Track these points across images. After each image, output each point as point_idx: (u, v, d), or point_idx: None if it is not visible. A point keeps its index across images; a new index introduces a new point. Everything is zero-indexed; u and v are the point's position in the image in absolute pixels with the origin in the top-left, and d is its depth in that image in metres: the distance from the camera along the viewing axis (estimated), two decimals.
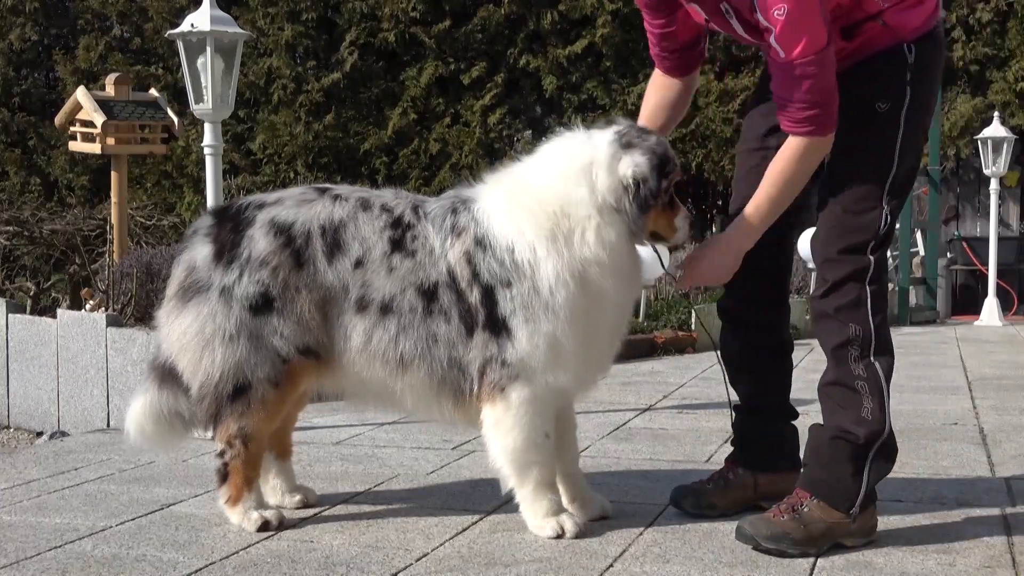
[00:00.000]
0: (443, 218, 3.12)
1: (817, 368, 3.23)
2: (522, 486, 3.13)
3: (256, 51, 14.95)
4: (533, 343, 3.01)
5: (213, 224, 3.24)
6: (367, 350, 3.11)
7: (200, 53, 5.05)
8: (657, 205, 3.04)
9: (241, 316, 3.11)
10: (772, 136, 3.22)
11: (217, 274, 3.14)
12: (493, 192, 3.14)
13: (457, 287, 3.06)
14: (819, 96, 2.92)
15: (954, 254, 14.43)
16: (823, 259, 3.10)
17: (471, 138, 14.48)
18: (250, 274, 3.12)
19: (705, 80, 14.12)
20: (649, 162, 3.01)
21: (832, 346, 3.07)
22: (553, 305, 3.00)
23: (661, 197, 3.04)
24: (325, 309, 3.12)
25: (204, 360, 3.14)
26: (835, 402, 3.07)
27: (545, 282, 3.00)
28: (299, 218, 3.15)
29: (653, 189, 3.01)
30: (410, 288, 3.08)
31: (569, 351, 3.03)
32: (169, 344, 3.24)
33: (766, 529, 2.99)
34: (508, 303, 3.02)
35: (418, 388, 3.13)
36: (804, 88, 2.90)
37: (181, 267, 3.23)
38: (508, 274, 3.02)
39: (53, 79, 16.32)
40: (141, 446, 3.46)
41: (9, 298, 7.55)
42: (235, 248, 3.15)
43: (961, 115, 13.55)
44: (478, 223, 3.08)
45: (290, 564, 2.90)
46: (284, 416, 3.36)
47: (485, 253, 3.04)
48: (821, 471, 3.07)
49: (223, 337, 3.11)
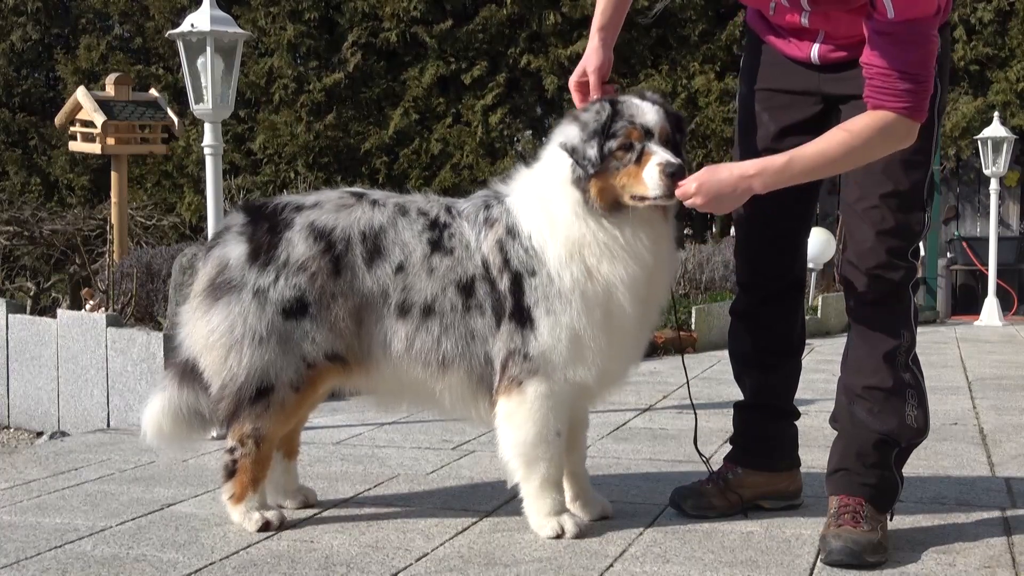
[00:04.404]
0: (476, 214, 3.13)
1: (818, 368, 3.24)
2: (528, 481, 3.12)
3: (257, 51, 14.95)
4: (555, 336, 3.00)
5: (247, 223, 3.20)
6: (409, 354, 3.09)
7: (200, 53, 5.05)
8: (605, 169, 2.97)
9: (274, 319, 3.09)
10: (785, 138, 3.16)
11: (252, 275, 3.11)
12: (520, 183, 3.17)
13: (490, 276, 3.06)
14: (921, 69, 2.76)
15: (954, 254, 14.43)
16: (874, 263, 3.01)
17: (472, 138, 14.48)
18: (287, 278, 3.09)
19: (705, 80, 14.13)
20: (579, 132, 3.00)
21: (883, 351, 3.03)
22: (563, 289, 2.99)
23: (610, 160, 2.97)
24: (360, 315, 3.11)
25: (230, 360, 3.11)
26: (879, 405, 3.04)
27: (554, 266, 3.01)
28: (339, 224, 3.13)
29: (586, 156, 2.97)
30: (450, 286, 3.08)
31: (589, 344, 3.01)
32: (193, 341, 3.21)
33: (864, 540, 2.91)
34: (532, 292, 3.02)
35: (457, 387, 3.13)
36: (909, 56, 2.73)
37: (211, 263, 3.19)
38: (532, 262, 3.03)
39: (54, 79, 16.32)
40: (157, 446, 3.42)
41: (9, 298, 7.55)
42: (272, 250, 3.12)
43: (963, 115, 13.55)
44: (509, 213, 3.10)
45: (290, 564, 2.90)
46: (298, 418, 3.36)
47: (514, 241, 3.06)
48: (869, 474, 3.04)
49: (253, 339, 3.09)
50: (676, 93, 14.08)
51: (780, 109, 3.20)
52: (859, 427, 3.06)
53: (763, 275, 3.32)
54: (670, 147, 3.00)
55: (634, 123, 2.98)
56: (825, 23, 3.02)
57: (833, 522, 2.99)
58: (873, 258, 3.02)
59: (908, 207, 3.01)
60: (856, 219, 3.05)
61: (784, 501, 3.43)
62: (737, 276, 3.45)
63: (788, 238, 3.32)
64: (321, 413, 5.03)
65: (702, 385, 6.25)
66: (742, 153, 3.29)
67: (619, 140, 2.97)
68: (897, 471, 3.09)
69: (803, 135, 3.17)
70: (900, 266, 3.02)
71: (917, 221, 3.02)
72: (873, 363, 3.05)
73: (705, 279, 10.23)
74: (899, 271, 3.02)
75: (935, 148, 3.04)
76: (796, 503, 3.46)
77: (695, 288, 10.11)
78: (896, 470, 3.09)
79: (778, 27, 3.15)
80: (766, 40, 3.22)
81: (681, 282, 10.08)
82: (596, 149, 2.96)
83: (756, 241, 3.34)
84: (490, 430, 3.19)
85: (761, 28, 3.23)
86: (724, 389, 5.82)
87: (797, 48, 3.13)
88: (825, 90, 3.12)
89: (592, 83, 3.25)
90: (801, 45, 3.12)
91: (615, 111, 3.01)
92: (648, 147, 2.97)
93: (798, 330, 3.41)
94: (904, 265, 3.02)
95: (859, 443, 3.06)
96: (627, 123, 2.98)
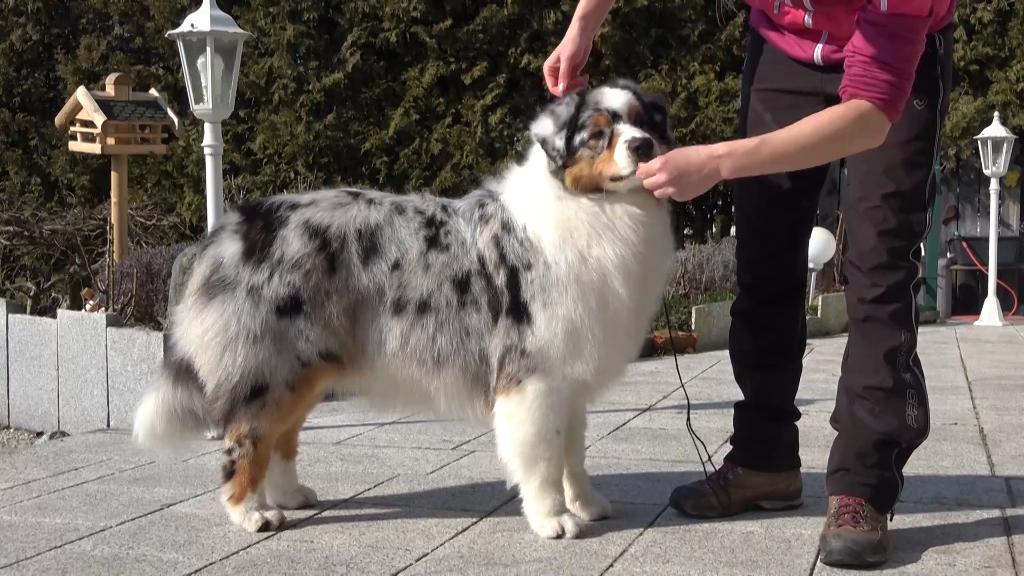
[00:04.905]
0: (472, 211, 3.14)
1: (818, 368, 3.24)
2: (527, 481, 3.12)
3: (257, 51, 14.95)
4: (552, 330, 3.00)
5: (242, 221, 3.20)
6: (404, 352, 3.10)
7: (200, 53, 5.06)
8: (580, 159, 3.00)
9: (268, 317, 3.09)
10: None
11: (246, 272, 3.11)
12: (513, 180, 3.18)
13: (486, 272, 3.07)
14: (904, 65, 2.78)
15: (954, 254, 14.44)
16: (875, 263, 3.01)
17: (472, 138, 14.48)
18: (281, 275, 3.09)
19: (705, 80, 14.12)
20: (552, 124, 3.04)
21: (883, 351, 3.03)
22: (559, 276, 2.99)
23: (584, 150, 2.99)
24: (355, 313, 3.11)
25: (225, 359, 3.11)
26: (879, 405, 3.03)
27: (550, 253, 3.01)
28: (335, 222, 3.13)
29: (555, 147, 3.02)
30: (446, 282, 3.08)
31: (587, 336, 3.01)
32: (188, 340, 3.20)
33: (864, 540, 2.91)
34: (529, 287, 3.02)
35: (452, 386, 3.12)
36: (894, 50, 2.76)
37: (206, 262, 3.19)
38: (528, 254, 3.03)
39: (54, 79, 16.31)
40: (149, 447, 3.39)
41: (9, 298, 7.55)
42: (267, 248, 3.12)
43: (963, 115, 13.55)
44: (504, 209, 3.11)
45: (290, 564, 2.90)
46: (295, 418, 3.36)
47: (510, 235, 3.07)
48: (869, 474, 3.04)
49: (247, 337, 3.09)
50: (676, 93, 14.08)
51: (783, 109, 3.19)
52: (860, 427, 3.06)
53: (764, 276, 3.33)
54: (645, 127, 3.01)
55: (599, 109, 3.01)
56: (828, 24, 3.03)
57: (833, 522, 2.99)
58: (875, 258, 3.01)
59: (910, 207, 3.01)
60: (858, 219, 3.05)
61: (784, 501, 3.43)
62: (738, 276, 3.45)
63: (789, 239, 3.33)
64: (321, 413, 5.03)
65: (702, 385, 6.25)
66: None
67: (589, 129, 3.00)
68: (897, 471, 3.09)
69: None
70: (902, 266, 3.02)
71: (919, 221, 3.02)
72: (874, 363, 3.04)
73: (705, 279, 10.23)
74: (901, 271, 3.02)
75: (937, 149, 3.04)
76: (796, 503, 3.46)
77: (695, 288, 10.10)
78: (896, 470, 3.09)
79: (781, 27, 3.16)
80: (769, 40, 3.22)
81: (681, 282, 10.08)
82: (563, 140, 3.00)
83: (757, 242, 3.34)
84: (490, 430, 3.19)
85: (764, 28, 3.23)
86: (724, 389, 5.82)
87: (800, 48, 3.14)
88: (827, 90, 3.12)
89: (562, 70, 3.27)
90: (804, 45, 3.12)
91: (583, 101, 3.05)
92: (616, 128, 2.99)
93: (799, 330, 3.41)
94: (906, 265, 3.02)
95: (859, 443, 3.06)
96: (593, 111, 3.01)
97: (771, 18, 3.18)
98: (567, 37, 3.29)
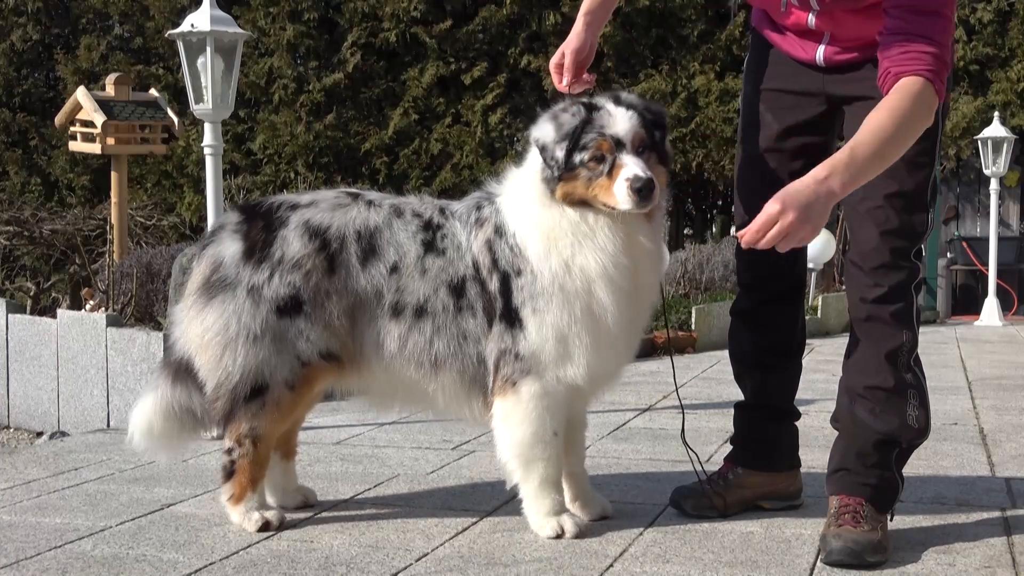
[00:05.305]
0: (468, 214, 3.14)
1: (818, 368, 3.24)
2: (526, 482, 3.12)
3: (257, 51, 14.96)
4: (543, 336, 3.01)
5: (242, 221, 3.20)
6: (402, 354, 3.10)
7: (200, 53, 5.06)
8: (576, 176, 2.97)
9: (268, 317, 3.09)
10: (789, 138, 3.17)
11: (246, 272, 3.11)
12: (509, 183, 3.17)
13: (480, 277, 3.07)
14: (943, 37, 2.76)
15: (954, 254, 14.44)
16: (878, 263, 3.01)
17: (472, 138, 14.48)
18: (281, 275, 3.10)
19: (705, 80, 14.13)
20: (554, 131, 2.99)
21: (885, 351, 3.02)
22: (544, 286, 2.99)
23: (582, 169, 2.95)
24: (354, 314, 3.11)
25: (225, 359, 3.11)
26: (880, 405, 3.03)
27: (536, 262, 3.01)
28: (335, 222, 3.13)
29: (554, 157, 2.97)
30: (442, 287, 3.08)
31: (575, 342, 3.01)
32: (188, 340, 3.20)
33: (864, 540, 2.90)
34: (519, 293, 3.03)
35: (450, 388, 3.13)
36: (928, 24, 2.75)
37: (206, 262, 3.18)
38: (517, 260, 3.04)
39: (54, 79, 16.32)
40: (145, 447, 3.32)
41: (9, 298, 7.55)
42: (267, 247, 3.12)
43: (963, 115, 13.55)
44: (498, 212, 3.11)
45: (290, 564, 2.90)
46: (294, 417, 3.36)
47: (501, 240, 3.07)
48: (869, 474, 3.04)
49: (247, 337, 3.09)
50: (676, 93, 14.09)
51: (784, 109, 3.20)
52: (860, 427, 3.06)
53: (764, 275, 3.33)
54: (646, 151, 2.98)
55: (604, 135, 2.95)
56: (831, 24, 3.03)
57: (833, 522, 2.99)
58: (877, 258, 3.01)
59: (912, 207, 3.01)
60: (859, 219, 3.05)
61: (784, 501, 3.43)
62: (738, 276, 3.45)
63: None
64: (321, 413, 5.03)
65: (702, 385, 6.25)
66: (745, 152, 3.30)
67: (591, 152, 2.95)
68: (898, 471, 3.09)
69: (806, 135, 3.17)
70: (904, 266, 3.02)
71: (921, 222, 3.02)
72: (875, 363, 3.04)
73: (705, 279, 10.23)
74: (902, 271, 3.02)
75: (938, 149, 3.04)
76: (796, 503, 3.45)
77: (695, 288, 10.11)
78: (897, 470, 3.09)
79: (783, 28, 3.16)
80: (771, 41, 3.22)
81: (681, 282, 10.08)
82: (564, 152, 2.97)
83: None
84: (490, 430, 3.19)
85: (766, 29, 3.23)
86: (724, 389, 5.82)
87: (802, 49, 3.13)
88: (829, 91, 3.13)
89: (567, 64, 3.25)
90: (806, 46, 3.12)
91: (588, 118, 2.98)
92: (619, 159, 2.94)
93: (799, 330, 3.41)
94: (908, 265, 3.02)
95: (860, 443, 3.06)
96: (597, 134, 2.96)
97: (773, 19, 3.18)
98: (572, 32, 3.29)
